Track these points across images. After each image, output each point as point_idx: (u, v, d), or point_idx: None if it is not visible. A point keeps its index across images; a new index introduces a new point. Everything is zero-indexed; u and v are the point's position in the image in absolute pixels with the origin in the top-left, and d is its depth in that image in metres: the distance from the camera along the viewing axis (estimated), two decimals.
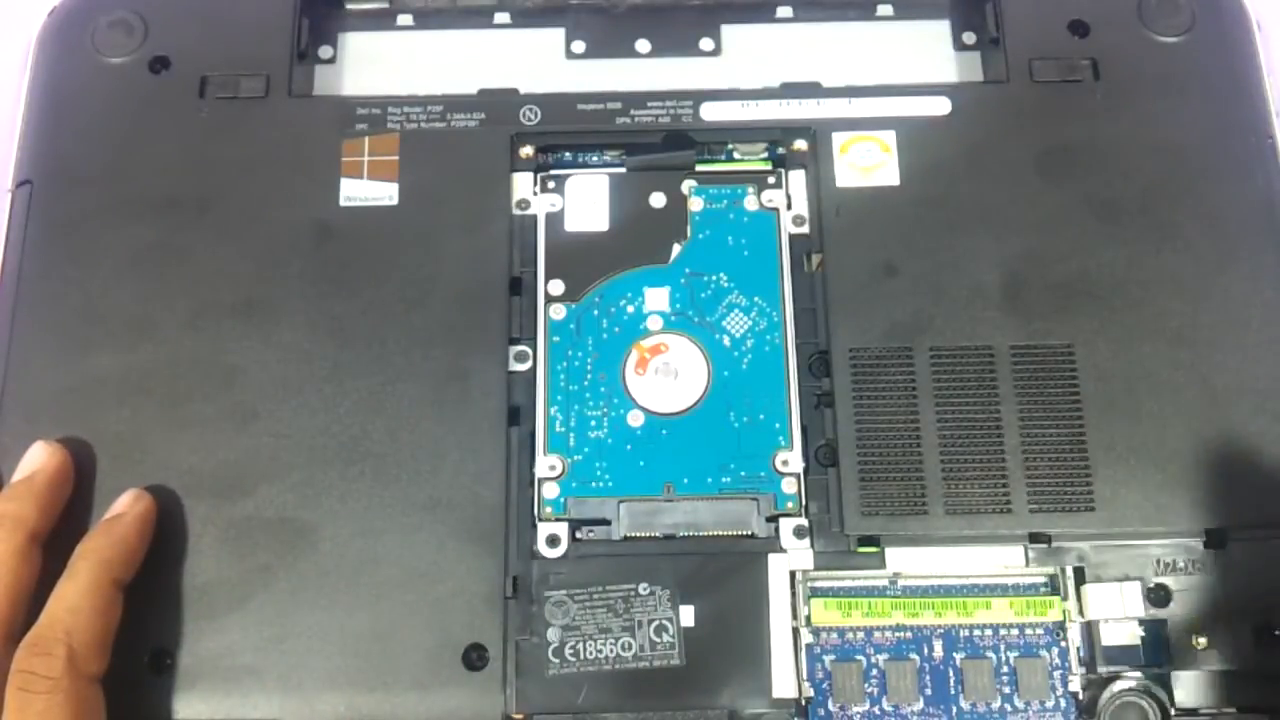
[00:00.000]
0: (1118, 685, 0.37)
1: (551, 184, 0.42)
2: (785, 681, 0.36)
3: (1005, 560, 0.38)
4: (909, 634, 0.37)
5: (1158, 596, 0.37)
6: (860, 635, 0.37)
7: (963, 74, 0.45)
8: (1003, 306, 0.39)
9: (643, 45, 0.46)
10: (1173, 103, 0.42)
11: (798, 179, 0.42)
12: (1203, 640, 0.37)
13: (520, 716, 0.36)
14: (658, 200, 0.42)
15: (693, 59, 0.45)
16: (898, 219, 0.41)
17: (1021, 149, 0.42)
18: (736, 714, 0.36)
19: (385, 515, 0.37)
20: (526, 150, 0.42)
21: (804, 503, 0.38)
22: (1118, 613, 0.37)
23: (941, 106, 0.42)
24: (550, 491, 0.38)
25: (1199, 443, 0.38)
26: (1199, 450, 0.38)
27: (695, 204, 0.42)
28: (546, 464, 0.39)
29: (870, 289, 0.40)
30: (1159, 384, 0.39)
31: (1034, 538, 0.38)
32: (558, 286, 0.41)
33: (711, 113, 0.43)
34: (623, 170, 0.43)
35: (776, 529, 0.38)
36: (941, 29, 0.46)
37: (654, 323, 0.40)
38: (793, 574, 0.37)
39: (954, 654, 0.37)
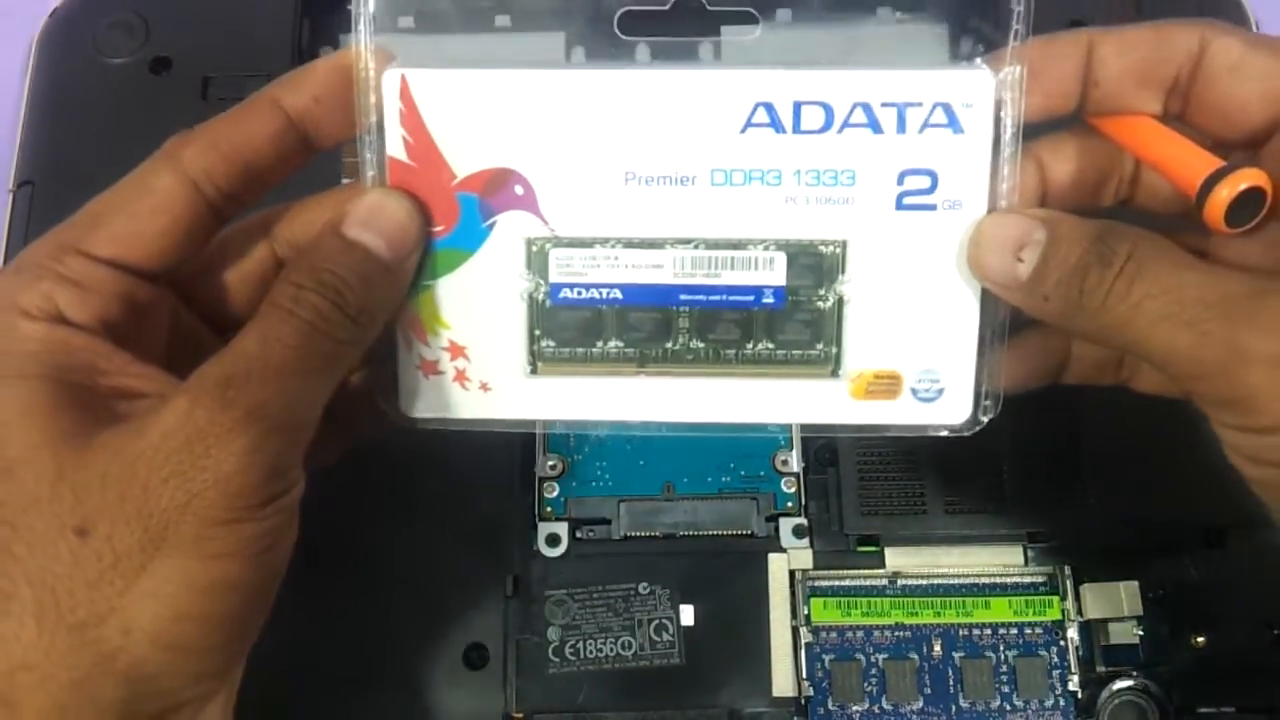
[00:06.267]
0: (1117, 684, 0.37)
1: None
2: (785, 681, 0.36)
3: (1004, 559, 0.38)
4: (908, 633, 0.37)
5: (1158, 596, 0.37)
6: (860, 634, 0.37)
7: None
8: None
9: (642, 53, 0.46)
10: None
11: None
12: (1202, 640, 0.37)
13: (520, 715, 0.36)
14: None
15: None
16: None
17: None
18: (736, 713, 0.36)
19: (385, 515, 0.37)
20: None
21: (803, 502, 0.38)
22: (1117, 612, 0.37)
23: None
24: (550, 491, 0.38)
25: (1198, 442, 0.38)
26: (1198, 449, 0.38)
27: None
28: (547, 463, 0.39)
29: None
30: None
31: (1033, 537, 0.38)
32: None
33: None
34: None
35: (776, 528, 0.38)
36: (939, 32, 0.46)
37: None
38: (792, 573, 0.37)
39: (953, 653, 0.37)
